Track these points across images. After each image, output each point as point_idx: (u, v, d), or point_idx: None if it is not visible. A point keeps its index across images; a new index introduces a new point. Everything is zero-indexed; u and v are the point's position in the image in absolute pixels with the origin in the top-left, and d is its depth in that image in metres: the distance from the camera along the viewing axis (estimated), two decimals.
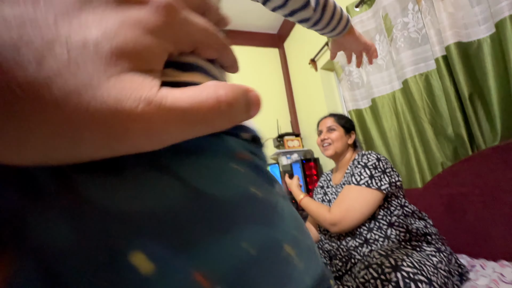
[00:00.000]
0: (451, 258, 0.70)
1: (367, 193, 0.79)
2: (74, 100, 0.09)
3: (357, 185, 0.81)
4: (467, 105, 0.98)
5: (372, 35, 1.51)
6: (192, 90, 0.11)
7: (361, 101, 1.65)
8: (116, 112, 0.09)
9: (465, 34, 1.02)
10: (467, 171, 0.94)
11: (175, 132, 0.11)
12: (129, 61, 0.10)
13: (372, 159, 0.85)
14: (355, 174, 0.84)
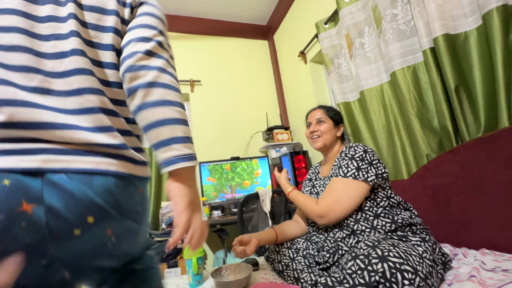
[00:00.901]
0: (435, 247, 0.70)
1: (354, 185, 0.79)
2: None
3: (344, 177, 0.81)
4: (452, 97, 0.99)
5: (362, 27, 1.50)
6: None
7: (349, 94, 1.65)
8: None
9: (452, 26, 1.03)
10: (452, 162, 0.95)
11: None
12: None
13: (359, 151, 0.85)
14: (342, 166, 0.84)
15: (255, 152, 2.43)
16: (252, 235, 0.96)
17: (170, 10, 2.36)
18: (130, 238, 0.38)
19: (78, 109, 0.36)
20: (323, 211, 0.80)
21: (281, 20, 2.54)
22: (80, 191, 0.31)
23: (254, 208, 1.64)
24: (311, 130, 1.02)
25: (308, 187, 1.08)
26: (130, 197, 0.37)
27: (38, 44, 0.37)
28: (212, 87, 2.46)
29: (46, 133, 0.32)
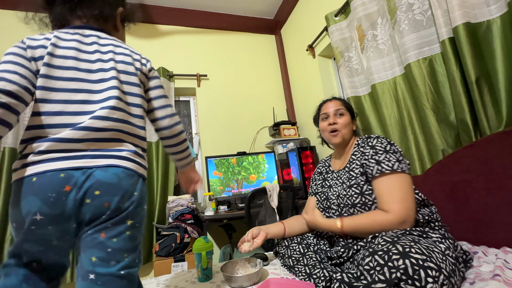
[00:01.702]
0: (457, 245, 0.67)
1: (407, 178, 0.77)
2: None
3: (391, 171, 0.76)
4: (473, 89, 0.95)
5: (375, 18, 1.45)
6: None
7: (360, 88, 1.61)
8: None
9: (473, 14, 0.98)
10: (471, 157, 0.91)
11: None
12: None
13: (384, 142, 0.83)
14: (382, 160, 0.78)
15: (262, 148, 2.41)
16: (260, 228, 0.95)
17: (177, 4, 2.33)
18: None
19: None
20: (403, 216, 0.71)
21: (288, 14, 2.49)
22: (101, 176, 0.52)
23: (261, 203, 1.62)
24: (331, 121, 0.95)
25: (319, 180, 1.04)
26: (133, 184, 0.56)
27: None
28: (218, 81, 2.43)
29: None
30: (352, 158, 0.91)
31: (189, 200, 1.82)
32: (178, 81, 2.28)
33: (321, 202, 0.96)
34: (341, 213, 0.86)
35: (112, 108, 0.56)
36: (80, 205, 0.50)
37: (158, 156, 1.99)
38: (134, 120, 0.60)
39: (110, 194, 0.51)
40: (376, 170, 0.79)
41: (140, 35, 2.26)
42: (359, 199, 0.81)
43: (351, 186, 0.84)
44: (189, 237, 1.66)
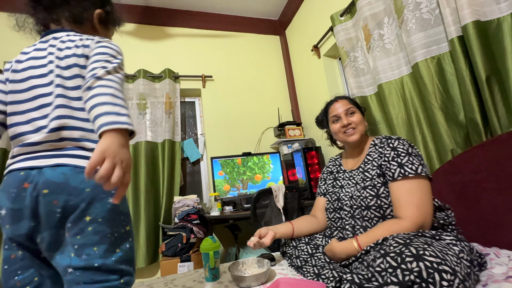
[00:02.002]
0: (472, 247, 0.66)
1: (426, 183, 0.76)
2: None
3: (416, 174, 0.75)
4: (483, 88, 0.93)
5: (381, 17, 1.44)
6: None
7: (366, 87, 1.60)
8: None
9: (483, 12, 0.97)
10: (482, 157, 0.90)
11: None
12: None
13: (406, 144, 0.81)
14: (405, 163, 0.77)
15: (267, 148, 2.41)
16: (269, 228, 0.94)
17: (183, 6, 2.35)
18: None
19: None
20: (418, 222, 0.70)
21: (293, 15, 2.49)
22: (49, 176, 0.54)
23: (266, 203, 1.62)
24: (345, 123, 0.91)
25: (330, 180, 1.02)
26: (81, 181, 0.56)
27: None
28: (223, 82, 2.44)
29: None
30: (367, 158, 0.88)
31: (195, 200, 1.83)
32: (184, 82, 2.30)
33: (332, 203, 0.94)
34: (354, 214, 0.84)
35: (57, 107, 0.58)
36: (36, 201, 0.54)
37: (164, 157, 2.01)
38: (79, 114, 0.59)
39: (56, 192, 0.54)
40: (398, 173, 0.76)
41: (146, 37, 2.28)
42: (374, 201, 0.79)
43: (365, 188, 0.82)
44: (195, 238, 1.67)
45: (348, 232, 0.85)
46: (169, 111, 2.10)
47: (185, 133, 2.39)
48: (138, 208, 1.86)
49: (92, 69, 0.58)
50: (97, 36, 0.67)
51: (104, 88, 0.54)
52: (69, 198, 0.55)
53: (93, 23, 0.73)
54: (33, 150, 0.57)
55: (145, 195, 1.87)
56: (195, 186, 2.30)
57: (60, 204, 0.54)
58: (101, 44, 0.64)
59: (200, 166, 2.34)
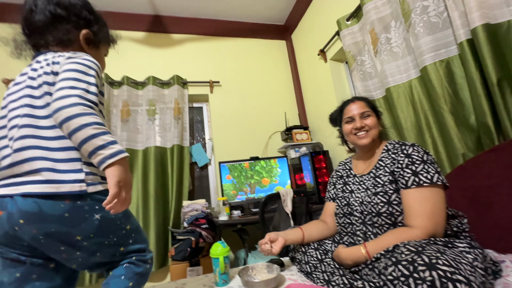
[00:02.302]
0: (486, 255, 0.64)
1: (440, 192, 0.74)
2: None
3: (430, 183, 0.73)
4: (494, 91, 0.92)
5: (388, 21, 1.44)
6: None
7: (374, 91, 1.59)
8: None
9: (492, 15, 0.96)
10: (494, 161, 0.88)
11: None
12: None
13: (421, 151, 0.79)
14: (420, 171, 0.75)
15: (274, 152, 2.41)
16: (279, 234, 0.92)
17: (190, 13, 2.40)
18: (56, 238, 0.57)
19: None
20: (430, 232, 0.68)
21: (299, 19, 2.51)
22: (21, 205, 0.54)
23: (274, 208, 1.62)
24: (358, 125, 0.90)
25: (340, 184, 1.01)
26: (55, 208, 0.55)
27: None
28: (230, 87, 2.47)
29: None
30: (379, 163, 0.87)
31: (204, 205, 1.85)
32: (192, 88, 2.34)
33: (342, 208, 0.93)
34: (364, 220, 0.83)
35: (21, 127, 0.58)
36: (14, 230, 0.55)
37: (173, 161, 2.04)
38: (45, 133, 0.58)
39: (32, 222, 0.53)
40: (412, 181, 0.75)
41: (155, 44, 2.34)
42: (385, 208, 0.78)
43: (376, 194, 0.81)
44: (204, 242, 1.68)
45: (359, 238, 0.84)
46: (178, 116, 2.13)
47: (193, 138, 2.42)
48: (147, 212, 1.89)
49: (60, 88, 0.56)
50: (70, 52, 0.66)
51: (84, 118, 0.54)
52: (49, 225, 0.54)
53: (80, 44, 0.73)
54: (4, 176, 0.57)
55: (155, 200, 1.91)
56: (203, 190, 2.32)
57: (40, 232, 0.54)
58: (71, 60, 0.63)
59: (208, 170, 2.37)
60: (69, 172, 0.57)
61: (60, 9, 0.69)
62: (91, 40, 0.75)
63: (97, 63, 0.66)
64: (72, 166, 0.57)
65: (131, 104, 2.09)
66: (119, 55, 2.15)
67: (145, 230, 1.85)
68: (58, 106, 0.54)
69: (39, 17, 0.67)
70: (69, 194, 0.55)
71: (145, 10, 2.28)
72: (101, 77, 0.68)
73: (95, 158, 0.55)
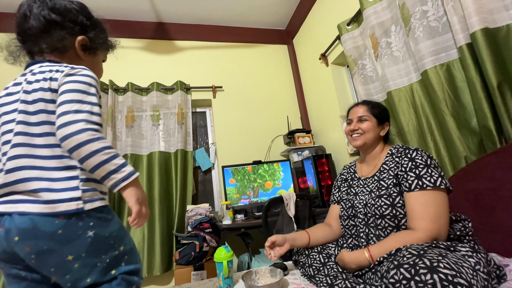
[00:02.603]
0: (489, 259, 0.65)
1: (444, 196, 0.74)
2: None
3: (434, 187, 0.74)
4: (495, 94, 0.93)
5: (388, 26, 1.45)
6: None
7: (375, 95, 1.60)
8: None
9: (491, 19, 0.97)
10: (496, 164, 0.89)
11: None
12: None
13: (424, 155, 0.80)
14: (424, 175, 0.76)
15: (277, 156, 2.43)
16: (286, 237, 0.93)
17: (192, 20, 2.45)
18: (48, 257, 0.55)
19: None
20: (433, 235, 0.69)
21: (300, 24, 2.54)
22: (18, 223, 0.54)
23: (277, 211, 1.63)
24: (352, 128, 0.95)
25: (344, 187, 1.02)
26: (49, 224, 0.54)
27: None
28: (233, 92, 2.50)
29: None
30: (383, 167, 0.88)
31: (207, 209, 1.86)
32: (195, 93, 2.37)
33: (346, 210, 0.94)
34: (368, 222, 0.84)
35: (14, 146, 0.57)
36: (11, 247, 0.54)
37: (177, 166, 2.06)
38: (39, 152, 0.58)
39: (27, 238, 0.53)
40: (415, 184, 0.76)
41: (159, 51, 2.38)
42: (389, 211, 0.79)
43: (380, 196, 0.82)
44: (208, 246, 1.69)
45: (362, 240, 0.85)
46: (181, 121, 2.16)
47: (197, 143, 2.45)
48: (153, 217, 1.91)
49: (64, 113, 0.56)
50: (68, 67, 0.64)
51: (93, 145, 0.55)
52: (42, 243, 0.53)
53: (76, 51, 0.71)
54: (1, 193, 0.56)
55: (159, 204, 1.93)
56: (207, 194, 2.34)
57: (33, 250, 0.53)
58: (71, 78, 0.61)
59: (212, 174, 2.39)
60: (65, 190, 0.57)
61: (55, 15, 0.66)
62: (88, 47, 0.73)
63: (96, 78, 0.66)
64: (69, 184, 0.58)
65: (135, 110, 2.13)
66: (124, 62, 2.22)
67: (151, 234, 1.86)
68: (66, 133, 0.55)
69: (33, 23, 0.65)
70: (66, 213, 0.55)
71: (149, 18, 2.33)
72: (99, 90, 0.66)
73: (108, 182, 0.57)
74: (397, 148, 0.89)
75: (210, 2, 2.26)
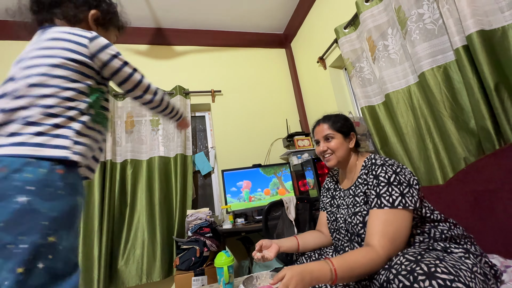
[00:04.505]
0: (481, 259, 0.64)
1: (405, 215, 0.71)
2: None
3: (391, 207, 0.71)
4: (492, 96, 0.93)
5: (384, 29, 1.47)
6: None
7: (373, 97, 1.61)
8: None
9: (487, 22, 0.98)
10: (495, 166, 0.89)
11: None
12: None
13: (389, 171, 0.76)
14: (383, 194, 0.73)
15: (276, 159, 2.43)
16: (272, 241, 0.92)
17: (191, 25, 2.47)
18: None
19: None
20: (390, 254, 0.66)
21: (298, 28, 2.56)
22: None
23: (278, 215, 1.62)
24: (321, 149, 0.93)
25: (327, 198, 1.03)
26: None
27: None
28: (232, 96, 2.50)
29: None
30: (358, 181, 0.86)
31: (207, 213, 1.86)
32: (194, 98, 2.38)
33: (331, 223, 0.94)
34: (351, 238, 0.84)
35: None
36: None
37: (177, 171, 2.06)
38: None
39: None
40: (374, 203, 0.74)
41: (158, 56, 2.40)
42: (363, 230, 0.78)
43: (355, 214, 0.82)
44: (208, 251, 1.68)
45: (355, 247, 0.84)
46: None
47: (196, 147, 2.45)
48: (153, 222, 1.90)
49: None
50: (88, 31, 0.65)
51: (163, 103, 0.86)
52: None
53: (88, 24, 0.73)
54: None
55: (159, 209, 1.92)
56: (207, 199, 2.33)
57: None
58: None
59: (212, 178, 2.38)
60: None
61: None
62: (100, 21, 0.75)
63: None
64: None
65: (135, 115, 2.13)
66: None
67: (152, 239, 1.85)
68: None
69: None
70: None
71: (148, 24, 2.35)
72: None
73: (168, 117, 0.85)
74: (370, 159, 0.85)
75: (208, 7, 2.27)
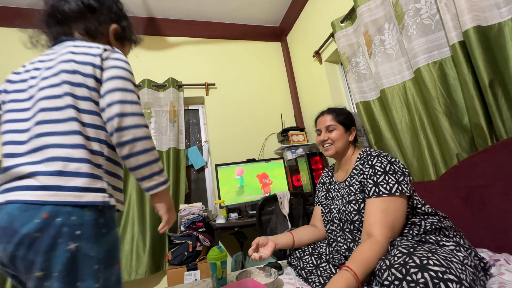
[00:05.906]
0: (470, 252, 0.66)
1: (401, 202, 0.75)
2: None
3: (389, 194, 0.75)
4: (487, 92, 0.93)
5: (381, 23, 1.45)
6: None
7: (369, 92, 1.60)
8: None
9: (483, 17, 0.97)
10: (487, 162, 0.90)
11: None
12: None
13: (384, 161, 0.80)
14: (380, 182, 0.77)
15: (271, 154, 2.42)
16: (269, 238, 0.94)
17: (184, 16, 2.40)
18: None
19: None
20: (390, 240, 0.70)
21: (294, 21, 2.52)
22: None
23: (271, 210, 1.62)
24: (322, 138, 0.97)
25: (323, 192, 1.05)
26: (27, 221, 0.44)
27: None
28: (226, 90, 2.46)
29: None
30: (353, 172, 0.90)
31: (200, 208, 1.84)
32: (187, 91, 2.33)
33: (325, 215, 0.97)
34: (343, 227, 0.87)
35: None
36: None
37: (169, 165, 2.02)
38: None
39: (1, 240, 0.43)
40: (373, 191, 0.77)
41: (150, 47, 2.33)
42: (357, 217, 0.81)
43: (350, 202, 0.85)
44: (201, 246, 1.67)
45: (340, 244, 0.87)
46: (173, 119, 2.12)
47: (189, 141, 2.41)
48: (144, 216, 1.87)
49: (108, 104, 0.54)
50: (107, 50, 0.61)
51: (148, 142, 0.56)
52: (14, 246, 0.42)
53: (108, 38, 0.71)
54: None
55: (151, 204, 1.89)
56: (200, 193, 2.31)
57: (7, 252, 0.42)
58: (112, 64, 0.59)
59: (205, 173, 2.36)
60: (75, 175, 0.50)
61: (93, 0, 0.67)
62: (119, 36, 0.74)
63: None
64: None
65: None
66: None
67: (142, 234, 1.83)
68: (127, 124, 0.54)
69: (70, 6, 0.65)
70: (57, 204, 0.45)
71: (139, 13, 2.27)
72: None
73: (148, 183, 0.57)
74: (366, 152, 0.90)
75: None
